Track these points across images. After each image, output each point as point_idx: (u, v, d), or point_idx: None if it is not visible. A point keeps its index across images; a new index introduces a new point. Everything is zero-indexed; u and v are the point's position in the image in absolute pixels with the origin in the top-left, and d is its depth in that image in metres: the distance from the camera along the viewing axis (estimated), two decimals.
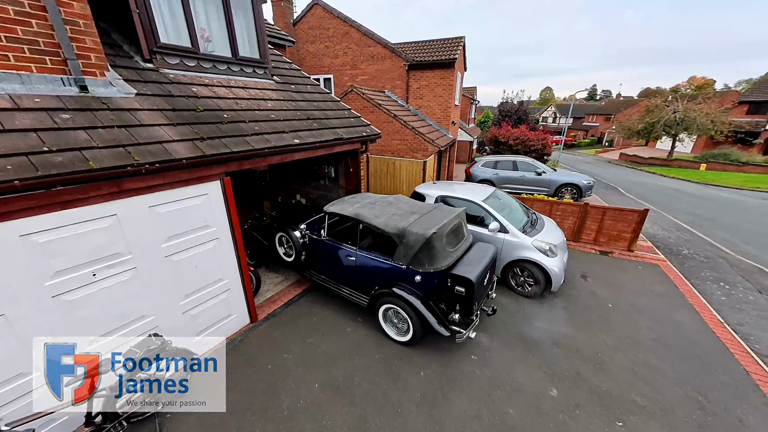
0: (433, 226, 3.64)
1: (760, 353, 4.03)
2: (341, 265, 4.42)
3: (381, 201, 4.53)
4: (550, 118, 54.12)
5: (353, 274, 4.34)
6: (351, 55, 12.76)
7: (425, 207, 4.32)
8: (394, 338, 4.00)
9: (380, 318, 4.07)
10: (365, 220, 3.98)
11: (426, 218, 3.89)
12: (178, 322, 3.40)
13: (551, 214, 7.42)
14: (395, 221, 3.82)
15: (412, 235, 3.58)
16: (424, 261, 3.58)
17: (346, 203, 4.48)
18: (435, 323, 3.54)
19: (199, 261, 3.42)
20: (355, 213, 4.13)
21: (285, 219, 5.35)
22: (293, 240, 4.80)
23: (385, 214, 4.02)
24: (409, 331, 3.80)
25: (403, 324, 3.90)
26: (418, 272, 3.61)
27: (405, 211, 4.11)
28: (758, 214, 10.94)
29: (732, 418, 3.05)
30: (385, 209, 4.19)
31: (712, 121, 22.84)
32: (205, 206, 3.35)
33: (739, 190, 15.72)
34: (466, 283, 3.41)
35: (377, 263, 3.98)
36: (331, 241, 4.47)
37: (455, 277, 3.49)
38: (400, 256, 3.70)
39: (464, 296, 3.46)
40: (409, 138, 9.89)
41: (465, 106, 23.40)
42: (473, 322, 3.60)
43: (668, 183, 17.79)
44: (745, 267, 6.63)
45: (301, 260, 4.88)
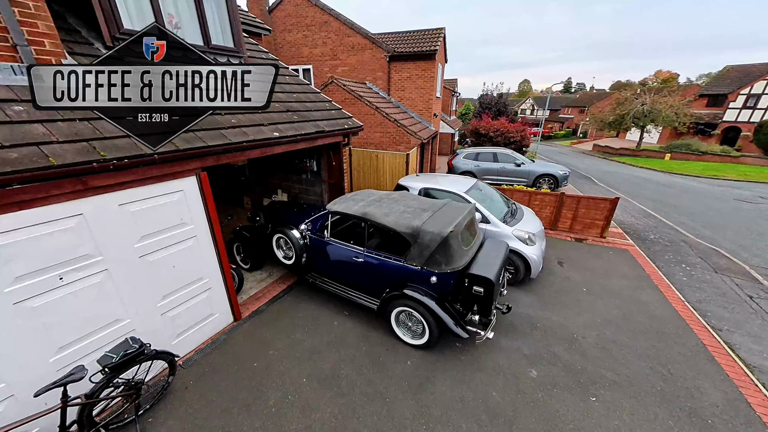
0: (449, 225, 3.46)
1: (715, 327, 4.41)
2: (347, 267, 4.16)
3: (386, 198, 4.34)
4: (528, 110, 55.48)
5: (361, 277, 4.11)
6: (331, 45, 12.45)
7: (435, 204, 4.14)
8: (408, 342, 3.82)
9: (393, 322, 3.88)
10: (374, 219, 3.77)
11: (439, 216, 3.71)
12: (157, 324, 3.28)
13: (530, 204, 7.68)
14: (407, 220, 3.63)
15: (427, 234, 3.40)
16: (440, 261, 3.39)
17: (350, 201, 4.26)
18: (452, 325, 3.39)
19: (176, 260, 3.30)
20: (362, 212, 3.91)
21: (281, 219, 5.01)
22: (293, 241, 4.49)
23: (394, 212, 3.82)
24: (424, 334, 3.65)
25: (417, 326, 3.72)
26: (433, 273, 3.42)
27: (415, 209, 3.92)
28: (715, 200, 11.81)
29: (690, 386, 3.34)
30: (393, 207, 3.98)
31: (675, 113, 24.21)
32: (180, 203, 3.21)
33: (698, 178, 16.86)
34: (485, 283, 3.28)
35: (388, 264, 3.75)
36: (336, 242, 4.20)
37: (474, 277, 3.34)
38: (414, 257, 3.50)
39: (483, 296, 3.33)
40: (392, 130, 9.85)
41: (446, 98, 23.54)
42: (491, 322, 3.49)
43: (637, 172, 18.79)
44: (703, 249, 7.18)
45: (302, 263, 4.58)
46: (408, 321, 3.80)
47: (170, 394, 3.16)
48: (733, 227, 8.66)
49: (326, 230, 4.30)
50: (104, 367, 2.44)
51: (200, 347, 3.77)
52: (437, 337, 3.58)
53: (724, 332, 4.34)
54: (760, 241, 7.69)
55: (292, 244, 4.55)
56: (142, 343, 2.67)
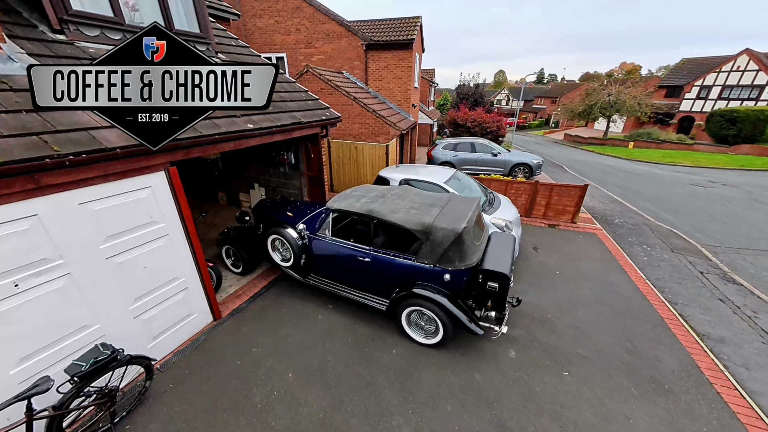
0: (462, 220, 3.39)
1: (671, 301, 4.82)
2: (352, 267, 3.97)
3: (389, 193, 4.18)
4: (504, 101, 56.68)
5: (367, 277, 3.95)
6: (304, 33, 12.00)
7: (440, 198, 4.06)
8: (420, 341, 3.74)
9: (404, 322, 3.77)
10: (380, 216, 3.63)
11: (448, 211, 3.62)
12: (130, 328, 3.12)
13: (506, 193, 7.93)
14: (416, 216, 3.52)
15: (440, 231, 3.31)
16: (454, 258, 3.31)
17: (351, 198, 4.12)
18: (467, 321, 3.35)
19: (147, 261, 3.13)
20: (367, 209, 3.76)
21: (274, 218, 4.73)
22: (290, 242, 4.23)
23: (400, 209, 3.70)
24: (437, 333, 3.59)
25: (430, 325, 3.65)
26: (446, 270, 3.34)
27: (421, 204, 3.82)
28: (672, 185, 12.74)
29: (651, 357, 3.66)
30: (397, 203, 3.85)
31: (638, 104, 25.64)
32: (149, 200, 3.03)
33: (658, 165, 18.09)
34: (500, 278, 3.24)
35: (397, 263, 3.62)
36: (339, 242, 4.01)
37: (488, 273, 3.30)
38: (426, 254, 3.41)
39: (497, 291, 3.30)
40: (371, 121, 9.74)
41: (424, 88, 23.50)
42: (505, 316, 3.47)
43: (604, 160, 19.85)
44: (662, 231, 7.76)
45: (301, 264, 4.35)
46: (420, 320, 3.71)
47: (149, 399, 3.05)
48: (688, 210, 9.41)
49: (327, 229, 4.10)
50: (73, 376, 2.30)
51: (179, 349, 3.64)
52: (451, 335, 3.53)
53: (678, 306, 4.76)
54: (711, 222, 8.43)
55: (289, 245, 4.29)
56: (115, 349, 2.54)
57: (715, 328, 4.31)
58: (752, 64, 24.98)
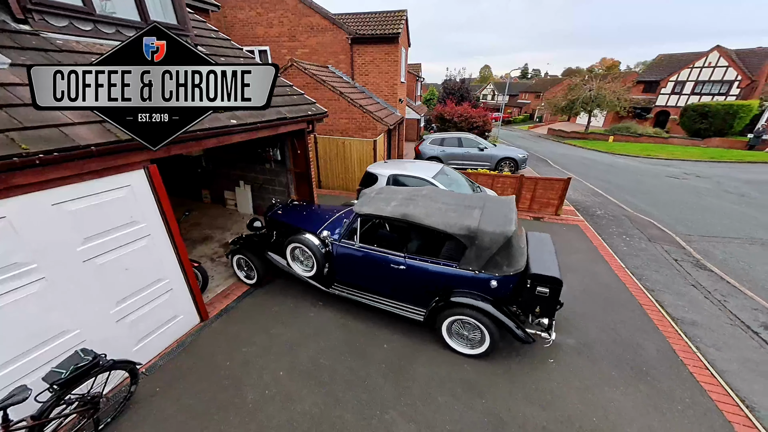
0: (509, 222, 3.23)
1: (649, 288, 5.05)
2: (383, 275, 3.70)
3: (417, 195, 3.90)
4: (490, 96, 57.27)
5: (401, 286, 3.68)
6: (288, 25, 11.72)
7: (474, 198, 3.84)
8: (463, 352, 3.54)
9: (444, 334, 3.55)
10: (417, 220, 3.38)
11: (488, 212, 3.44)
12: (113, 332, 3.02)
13: (493, 187, 8.07)
14: (457, 219, 3.31)
15: (487, 234, 3.11)
16: (501, 263, 3.13)
17: (379, 201, 3.81)
18: (517, 330, 3.19)
19: (129, 262, 3.02)
20: (401, 213, 3.49)
21: (290, 225, 4.39)
22: (312, 250, 3.92)
23: (436, 212, 3.47)
24: (483, 342, 3.40)
25: (475, 334, 3.45)
26: (493, 276, 3.16)
27: (457, 205, 3.61)
28: (650, 178, 13.26)
29: (632, 343, 3.82)
30: (430, 205, 3.61)
31: (617, 99, 26.44)
32: (128, 200, 2.91)
33: (637, 158, 18.75)
34: (552, 283, 3.06)
35: (436, 270, 3.40)
36: (369, 249, 3.73)
37: (538, 277, 3.09)
38: (471, 260, 3.20)
39: (548, 297, 3.12)
40: (358, 117, 9.66)
41: (411, 83, 23.43)
42: (553, 323, 3.33)
43: (585, 154, 20.42)
44: (640, 221, 8.09)
45: (324, 274, 4.06)
46: (463, 330, 3.50)
47: (135, 404, 2.97)
48: (664, 201, 9.83)
49: (356, 236, 3.80)
50: (52, 384, 2.21)
51: (165, 351, 3.55)
52: (498, 344, 3.39)
53: (656, 292, 4.99)
54: (685, 212, 8.84)
55: (311, 254, 3.97)
56: (96, 354, 2.45)
57: (689, 312, 4.55)
58: (722, 60, 26.12)
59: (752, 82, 25.66)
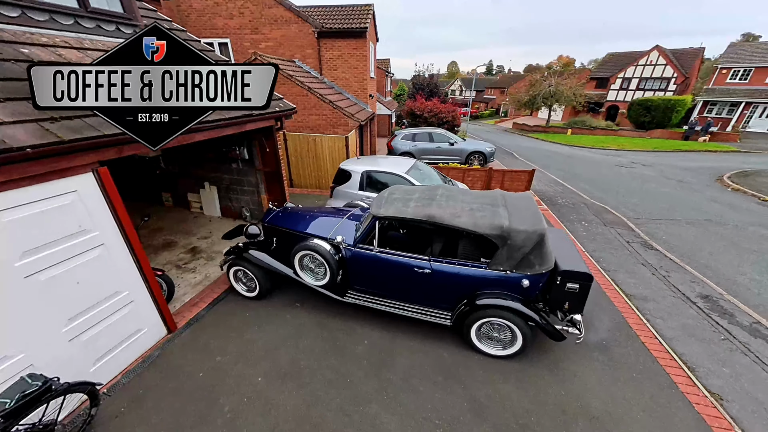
0: (540, 220, 3.18)
1: (605, 269, 5.50)
2: (407, 280, 3.54)
3: (435, 194, 3.72)
4: (458, 91, 58.69)
5: (426, 290, 3.55)
6: (249, 17, 11.16)
7: (494, 196, 3.71)
8: (495, 354, 3.48)
9: (473, 337, 3.46)
10: (444, 222, 3.23)
11: (513, 210, 3.36)
12: (66, 352, 2.75)
13: (464, 180, 8.32)
14: (486, 219, 3.19)
15: (520, 234, 3.04)
16: (534, 262, 3.09)
17: (396, 202, 3.61)
18: (551, 327, 3.20)
19: (81, 275, 2.76)
20: (426, 214, 3.31)
21: (295, 231, 4.13)
22: (326, 257, 3.64)
23: (461, 212, 3.31)
24: (513, 343, 3.38)
25: (505, 335, 3.41)
26: (524, 276, 3.11)
27: (480, 204, 3.47)
28: (603, 167, 14.36)
29: (593, 320, 4.14)
30: (453, 204, 3.44)
31: (574, 94, 28.23)
32: (75, 206, 2.65)
33: (592, 149, 20.20)
34: (583, 278, 3.06)
35: (464, 273, 3.30)
36: (389, 253, 3.55)
37: (569, 274, 3.08)
38: (502, 260, 3.14)
39: (578, 293, 3.13)
40: (328, 113, 9.48)
41: (380, 78, 23.36)
42: (581, 318, 3.32)
43: (547, 146, 21.65)
44: (597, 208, 8.76)
45: (337, 281, 3.80)
46: (492, 332, 3.45)
47: (97, 427, 2.74)
48: (616, 188, 10.71)
49: (374, 240, 3.60)
50: None
51: (129, 368, 3.30)
52: (531, 344, 3.38)
53: (611, 272, 5.45)
54: (634, 197, 9.69)
55: (324, 261, 3.69)
56: (47, 379, 2.22)
57: (639, 288, 5.02)
58: (661, 59, 28.78)
59: (686, 79, 28.59)
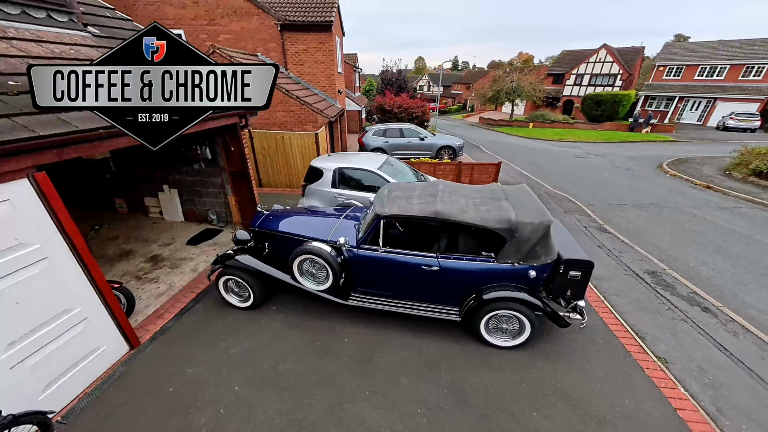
0: (544, 212, 3.27)
1: None
2: (414, 279, 3.52)
3: (436, 190, 3.71)
4: (426, 87, 59.44)
5: (434, 288, 3.56)
6: (205, 7, 10.48)
7: (494, 190, 3.78)
8: (503, 345, 3.56)
9: (483, 331, 3.53)
10: (452, 218, 3.24)
11: (516, 203, 3.42)
12: (7, 381, 2.45)
13: (435, 174, 8.50)
14: (492, 213, 3.24)
15: (527, 226, 3.10)
16: (540, 253, 3.17)
17: (399, 200, 3.57)
18: (557, 314, 3.30)
19: (20, 294, 2.46)
20: (433, 211, 3.30)
21: (290, 235, 3.99)
22: (328, 261, 3.52)
23: (467, 207, 3.35)
24: (521, 333, 3.47)
25: (513, 326, 3.50)
26: (531, 267, 3.20)
27: (483, 198, 3.54)
28: (563, 159, 15.35)
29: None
30: (457, 200, 3.49)
31: (534, 89, 29.79)
32: (8, 218, 2.35)
33: (552, 142, 21.49)
34: (585, 266, 3.18)
35: (472, 267, 3.34)
36: (395, 253, 3.51)
37: (572, 262, 3.19)
38: (510, 253, 3.20)
39: (580, 280, 3.25)
40: (296, 109, 9.20)
41: (349, 73, 23.07)
42: (583, 305, 3.43)
43: (511, 140, 22.69)
44: (558, 196, 9.36)
45: (340, 285, 3.71)
46: (500, 324, 3.53)
47: None
48: (573, 178, 11.51)
49: (379, 239, 3.54)
50: None
51: (88, 390, 3.02)
52: (538, 332, 3.48)
53: None
54: (591, 186, 10.47)
55: (326, 264, 3.56)
56: None
57: (597, 269, 5.41)
58: (608, 56, 31.19)
59: (630, 75, 31.26)
